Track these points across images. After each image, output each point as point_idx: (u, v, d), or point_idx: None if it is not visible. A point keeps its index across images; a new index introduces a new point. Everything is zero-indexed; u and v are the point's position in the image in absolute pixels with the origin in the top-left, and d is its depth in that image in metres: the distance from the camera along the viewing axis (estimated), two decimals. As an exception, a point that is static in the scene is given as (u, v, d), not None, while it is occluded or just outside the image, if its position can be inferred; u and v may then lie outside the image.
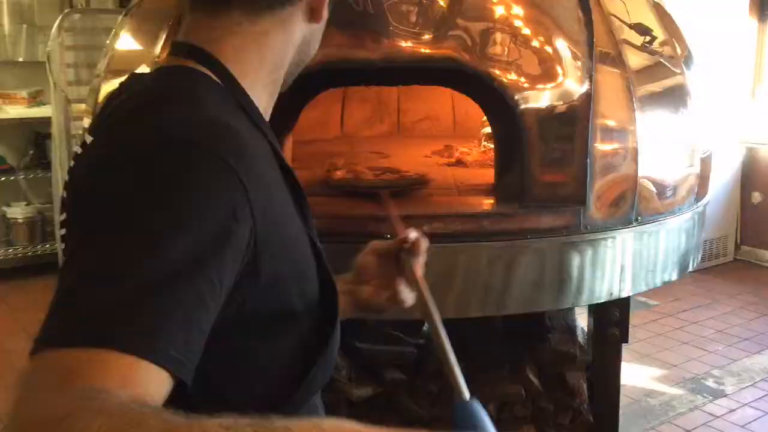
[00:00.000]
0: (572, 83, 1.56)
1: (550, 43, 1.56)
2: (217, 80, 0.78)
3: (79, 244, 0.65)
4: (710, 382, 3.11)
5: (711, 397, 2.97)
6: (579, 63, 1.56)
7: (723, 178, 4.71)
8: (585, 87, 1.55)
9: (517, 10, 1.57)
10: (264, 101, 0.85)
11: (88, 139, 0.78)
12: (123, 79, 0.84)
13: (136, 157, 0.67)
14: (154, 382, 0.57)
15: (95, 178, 0.69)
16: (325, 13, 0.87)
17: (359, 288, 0.99)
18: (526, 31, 1.56)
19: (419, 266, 0.95)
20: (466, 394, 0.72)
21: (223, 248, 0.65)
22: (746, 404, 2.92)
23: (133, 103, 0.75)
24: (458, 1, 1.55)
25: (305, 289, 0.80)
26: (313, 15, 0.86)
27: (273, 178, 0.77)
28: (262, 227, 0.69)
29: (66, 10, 4.04)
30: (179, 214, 0.63)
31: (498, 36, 1.54)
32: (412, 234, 0.97)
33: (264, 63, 0.83)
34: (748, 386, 3.07)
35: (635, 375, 3.16)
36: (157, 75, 0.82)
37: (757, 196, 4.84)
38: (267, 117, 0.86)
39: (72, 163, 0.82)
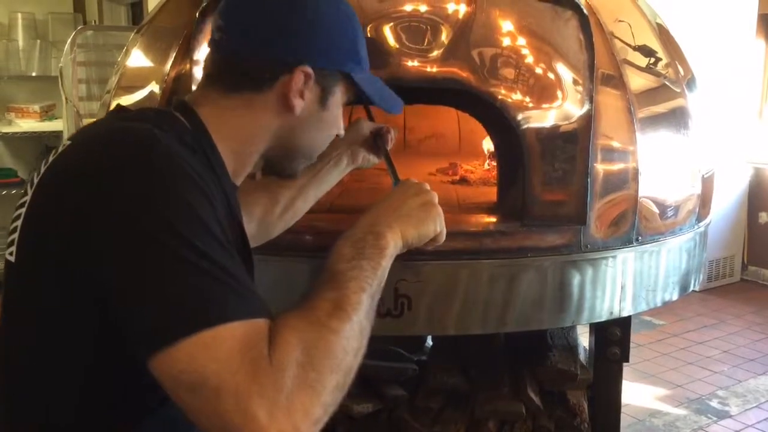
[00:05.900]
0: (573, 104, 1.58)
1: (550, 64, 1.58)
2: (189, 126, 0.93)
3: (135, 264, 0.79)
4: (715, 403, 3.09)
5: (715, 418, 2.96)
6: (580, 84, 1.58)
7: (730, 198, 4.71)
8: (586, 108, 1.57)
9: (519, 32, 1.60)
10: (232, 162, 0.98)
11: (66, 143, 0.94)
12: (132, 95, 0.98)
13: (107, 171, 0.83)
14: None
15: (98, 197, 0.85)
16: (297, 105, 0.98)
17: (356, 146, 1.40)
18: (528, 52, 1.59)
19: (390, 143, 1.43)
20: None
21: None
22: (751, 425, 2.91)
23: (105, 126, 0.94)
24: (463, 24, 1.58)
25: None
26: (284, 104, 0.97)
27: (221, 215, 0.87)
28: None
29: (79, 27, 4.12)
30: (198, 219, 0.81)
31: (500, 57, 1.57)
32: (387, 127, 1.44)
33: (232, 133, 0.98)
34: (753, 407, 3.06)
35: (639, 395, 3.15)
36: (138, 111, 0.98)
37: (764, 216, 4.83)
38: (237, 180, 1.00)
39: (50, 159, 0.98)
